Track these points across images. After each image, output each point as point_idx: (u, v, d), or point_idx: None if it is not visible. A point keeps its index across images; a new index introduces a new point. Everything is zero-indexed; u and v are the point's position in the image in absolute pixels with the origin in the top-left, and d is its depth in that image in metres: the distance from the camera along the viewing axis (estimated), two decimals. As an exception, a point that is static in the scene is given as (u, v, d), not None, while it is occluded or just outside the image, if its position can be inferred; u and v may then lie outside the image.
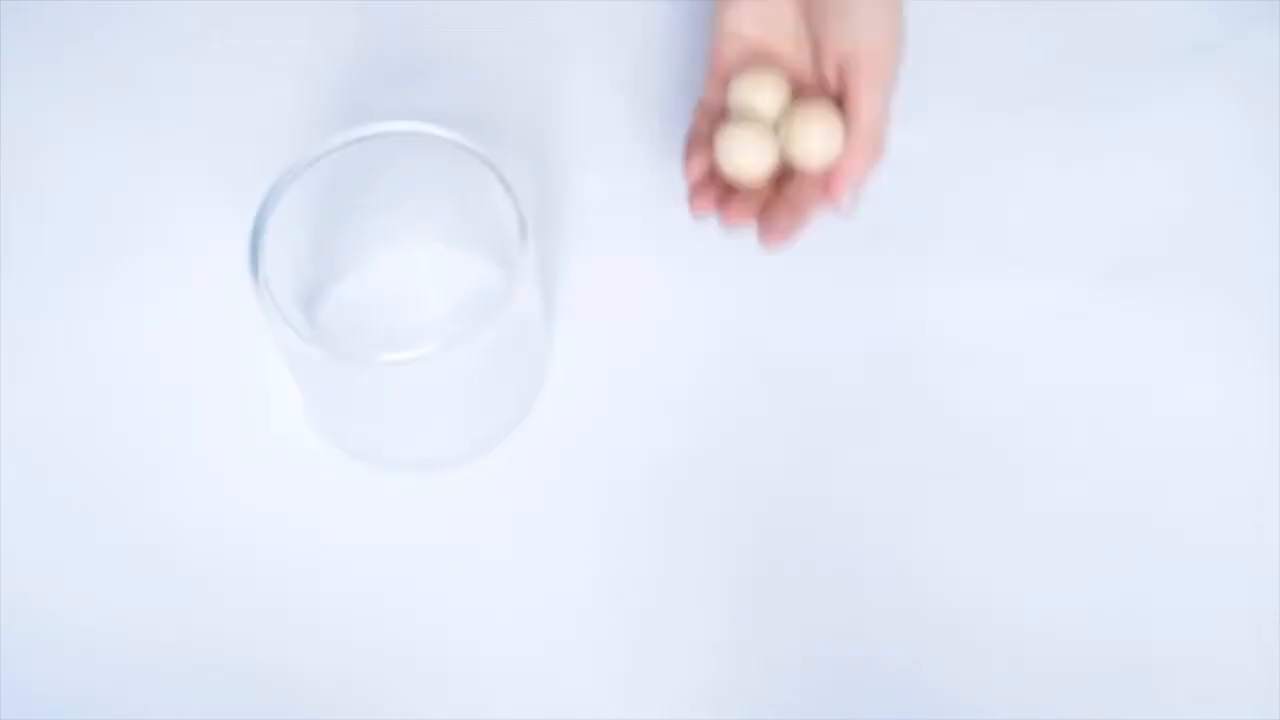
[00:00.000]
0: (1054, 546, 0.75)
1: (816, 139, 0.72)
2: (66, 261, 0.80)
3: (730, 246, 0.74)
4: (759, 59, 0.74)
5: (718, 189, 0.73)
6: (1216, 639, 0.73)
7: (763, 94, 0.73)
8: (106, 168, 0.81)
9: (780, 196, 0.72)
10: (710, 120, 0.74)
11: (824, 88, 0.74)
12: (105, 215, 0.81)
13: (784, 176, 0.73)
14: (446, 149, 0.72)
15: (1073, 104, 0.82)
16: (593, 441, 0.77)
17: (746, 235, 0.72)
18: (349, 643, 0.74)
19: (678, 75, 0.82)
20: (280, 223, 0.71)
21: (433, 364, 0.69)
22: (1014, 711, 0.72)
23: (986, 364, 0.78)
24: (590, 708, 0.73)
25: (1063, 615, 0.74)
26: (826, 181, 0.72)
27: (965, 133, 0.81)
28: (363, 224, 0.76)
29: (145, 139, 0.82)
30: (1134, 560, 0.74)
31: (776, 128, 0.73)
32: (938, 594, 0.74)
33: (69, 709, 0.73)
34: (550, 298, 0.78)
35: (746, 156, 0.72)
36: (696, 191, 0.73)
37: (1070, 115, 0.81)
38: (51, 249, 0.80)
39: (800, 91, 0.74)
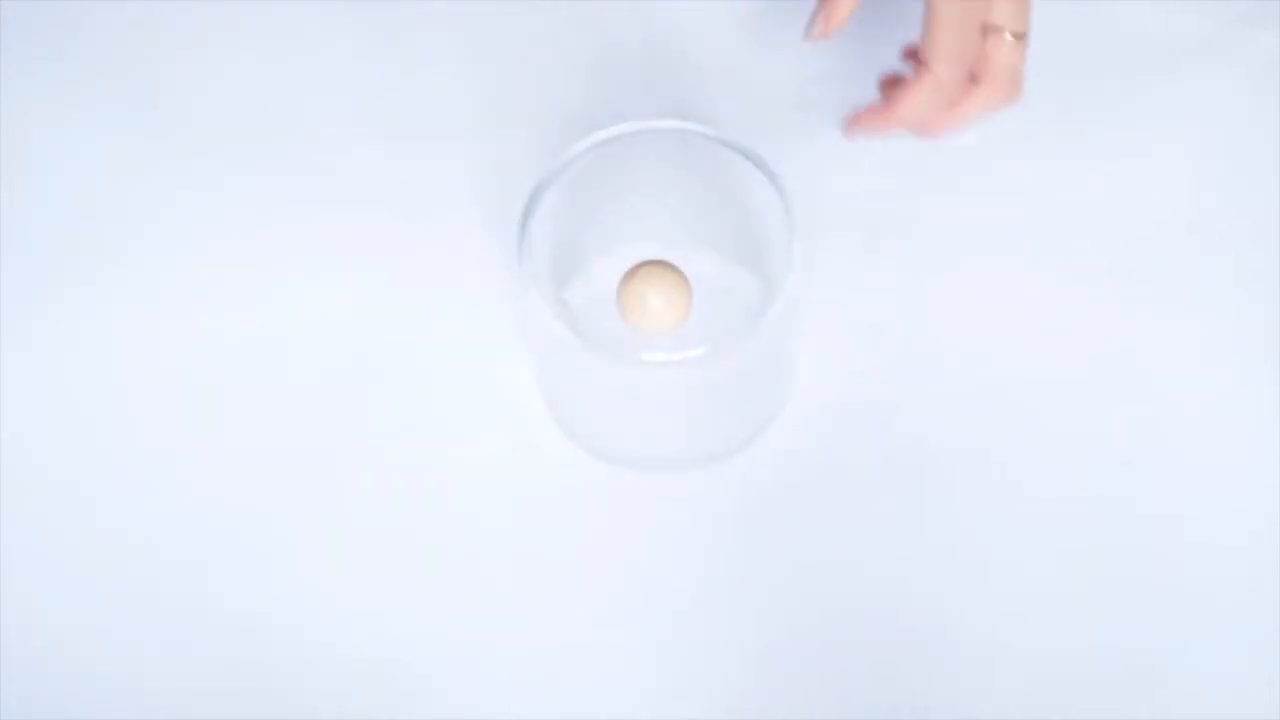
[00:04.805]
0: (1054, 546, 0.75)
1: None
2: (79, 259, 0.79)
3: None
4: None
5: None
6: (1217, 640, 0.74)
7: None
8: (103, 167, 0.81)
9: None
10: None
11: None
12: (106, 214, 0.80)
13: None
14: (703, 144, 0.72)
15: (1072, 104, 0.82)
16: None
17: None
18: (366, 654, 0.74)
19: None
20: (542, 214, 0.70)
21: (697, 366, 0.69)
22: (1017, 712, 0.73)
23: (986, 364, 0.78)
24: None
25: (1064, 616, 0.74)
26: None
27: (964, 133, 0.82)
28: (610, 220, 0.75)
29: (144, 139, 0.81)
30: (1134, 559, 0.75)
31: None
32: (938, 594, 0.75)
33: None
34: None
35: None
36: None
37: (1070, 115, 0.82)
38: (55, 247, 0.80)
39: None
